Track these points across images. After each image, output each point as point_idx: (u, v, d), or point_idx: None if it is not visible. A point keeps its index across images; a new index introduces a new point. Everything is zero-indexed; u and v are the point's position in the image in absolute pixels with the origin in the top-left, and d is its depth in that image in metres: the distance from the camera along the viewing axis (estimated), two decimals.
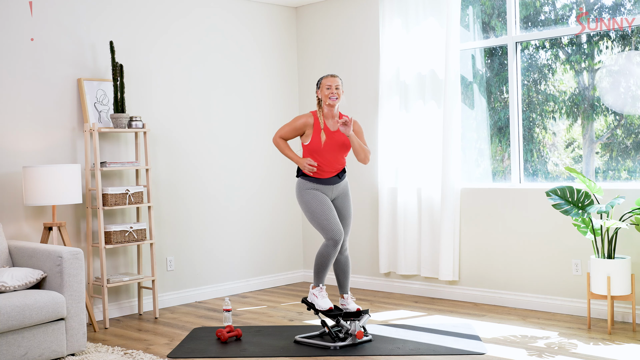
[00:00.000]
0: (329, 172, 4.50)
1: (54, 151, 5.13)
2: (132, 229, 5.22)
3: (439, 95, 5.70)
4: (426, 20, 5.76)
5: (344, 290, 4.71)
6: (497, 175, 5.70)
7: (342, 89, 4.46)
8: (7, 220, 4.88)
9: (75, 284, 4.21)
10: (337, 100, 4.42)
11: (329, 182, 4.50)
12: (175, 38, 5.88)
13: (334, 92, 4.41)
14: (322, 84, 4.47)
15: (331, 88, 4.42)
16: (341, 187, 4.58)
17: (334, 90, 4.41)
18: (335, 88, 4.42)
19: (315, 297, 4.49)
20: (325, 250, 4.46)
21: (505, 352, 4.15)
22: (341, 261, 4.66)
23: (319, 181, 4.48)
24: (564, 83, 5.39)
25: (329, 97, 4.41)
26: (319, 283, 4.52)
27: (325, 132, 4.44)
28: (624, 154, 5.10)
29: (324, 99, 4.44)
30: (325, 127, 4.45)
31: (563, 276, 5.11)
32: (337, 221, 4.44)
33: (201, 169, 6.04)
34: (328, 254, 4.46)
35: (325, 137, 4.42)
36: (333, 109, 4.47)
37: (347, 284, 4.71)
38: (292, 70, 6.80)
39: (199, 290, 6.01)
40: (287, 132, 4.53)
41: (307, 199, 4.46)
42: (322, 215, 4.42)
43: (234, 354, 4.30)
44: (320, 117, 4.46)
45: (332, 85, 4.42)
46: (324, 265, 4.47)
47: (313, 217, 4.46)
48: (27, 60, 5.02)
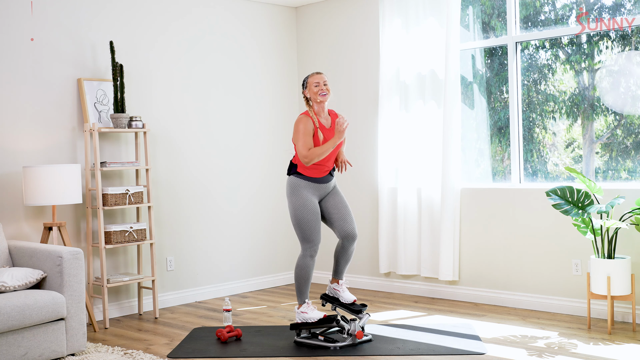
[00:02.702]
0: (323, 172, 4.48)
1: (54, 151, 5.13)
2: (132, 229, 5.22)
3: (439, 95, 5.70)
4: (426, 20, 5.76)
5: (339, 276, 4.64)
6: (497, 175, 5.70)
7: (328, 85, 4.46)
8: (7, 220, 4.88)
9: (75, 284, 4.21)
10: (326, 95, 4.42)
11: (321, 181, 4.48)
12: (175, 38, 5.88)
13: (323, 89, 4.41)
14: (309, 83, 4.45)
15: (319, 85, 4.41)
16: (331, 184, 4.57)
17: (322, 86, 4.41)
18: (324, 84, 4.42)
19: (305, 314, 4.43)
20: (303, 263, 4.42)
21: (505, 352, 4.15)
22: (349, 251, 4.57)
23: (312, 180, 4.45)
24: (564, 83, 5.39)
25: (318, 94, 4.40)
26: (303, 300, 4.47)
27: (322, 130, 4.43)
28: (624, 154, 5.10)
29: (314, 97, 4.43)
30: (321, 126, 4.44)
31: (563, 276, 5.11)
32: (319, 231, 4.41)
33: (201, 168, 6.04)
34: (306, 266, 4.42)
35: (324, 135, 4.42)
36: (323, 105, 4.46)
37: (344, 271, 4.65)
38: (292, 70, 6.80)
39: (199, 290, 6.01)
40: (307, 141, 4.38)
41: (297, 202, 4.41)
42: (307, 224, 4.39)
43: (234, 354, 4.30)
44: (313, 117, 4.44)
45: (320, 82, 4.42)
46: (304, 278, 4.43)
47: (298, 223, 4.41)
48: (27, 60, 5.02)
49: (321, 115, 4.46)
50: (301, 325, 4.45)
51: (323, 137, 4.40)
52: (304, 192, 4.41)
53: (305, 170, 4.42)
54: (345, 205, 4.56)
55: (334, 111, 4.58)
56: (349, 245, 4.54)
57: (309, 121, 4.40)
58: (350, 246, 4.55)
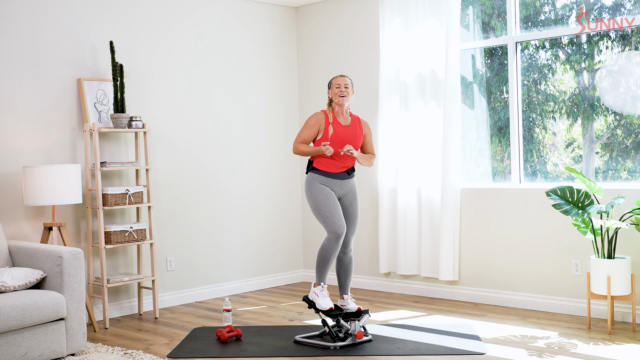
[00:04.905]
0: (339, 167, 4.61)
1: (54, 151, 5.13)
2: (132, 229, 5.22)
3: (439, 95, 5.70)
4: (426, 20, 5.76)
5: (344, 291, 4.74)
6: (497, 175, 5.70)
7: (351, 89, 4.67)
8: (7, 220, 4.88)
9: (75, 284, 4.21)
10: (345, 97, 4.62)
11: (337, 177, 4.61)
12: (175, 38, 5.88)
13: (343, 90, 4.63)
14: (332, 84, 4.68)
15: (340, 87, 4.64)
16: (350, 185, 4.67)
17: (342, 88, 4.63)
18: (344, 87, 4.64)
19: (316, 296, 4.50)
20: (327, 244, 4.51)
21: (505, 352, 4.15)
22: (344, 261, 4.70)
23: (328, 175, 4.59)
24: (564, 83, 5.39)
25: (338, 94, 4.63)
26: (320, 280, 4.54)
27: (334, 126, 4.60)
28: (624, 154, 5.10)
29: (334, 97, 4.65)
30: (335, 121, 4.62)
31: (563, 276, 5.11)
32: (340, 215, 4.52)
33: (201, 168, 6.04)
34: (330, 248, 4.50)
35: (334, 130, 4.58)
36: (343, 107, 4.66)
37: (348, 285, 4.75)
38: (292, 70, 6.80)
39: (199, 290, 6.01)
40: (303, 134, 4.66)
41: (314, 192, 4.56)
42: (326, 208, 4.51)
43: (234, 354, 4.30)
44: (329, 114, 4.65)
45: (341, 84, 4.64)
46: (325, 259, 4.51)
47: (318, 210, 4.54)
48: (27, 60, 5.02)
49: (339, 115, 4.67)
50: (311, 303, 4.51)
51: (333, 131, 4.58)
52: (319, 186, 4.58)
53: (320, 165, 4.59)
54: (355, 215, 4.70)
55: (360, 118, 4.77)
56: (342, 253, 4.68)
57: (318, 116, 4.64)
58: (345, 256, 4.69)
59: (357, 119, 4.72)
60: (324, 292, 4.51)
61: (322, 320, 4.46)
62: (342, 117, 4.66)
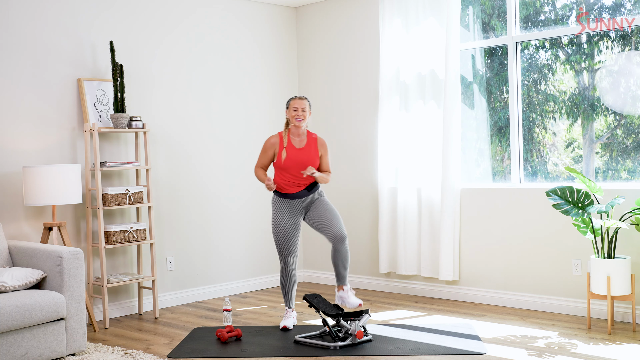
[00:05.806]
0: (296, 187, 4.73)
1: (54, 151, 5.13)
2: (132, 229, 5.22)
3: (439, 95, 5.70)
4: (426, 20, 5.76)
5: (342, 281, 4.80)
6: (497, 175, 5.70)
7: (308, 111, 4.77)
8: (7, 220, 4.88)
9: (75, 284, 4.21)
10: (302, 121, 4.73)
11: (297, 197, 4.75)
12: (175, 38, 5.88)
13: (300, 115, 4.72)
14: (290, 105, 4.78)
15: (297, 110, 4.74)
16: (311, 198, 4.79)
17: (300, 112, 4.73)
18: (302, 110, 4.74)
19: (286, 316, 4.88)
20: (280, 272, 4.88)
21: (505, 352, 4.15)
22: (341, 251, 4.75)
23: (285, 196, 4.75)
24: (564, 83, 5.39)
25: (295, 118, 4.72)
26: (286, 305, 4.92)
27: (288, 149, 4.72)
28: (624, 154, 5.10)
29: (291, 120, 4.75)
30: (290, 145, 4.73)
31: (563, 276, 5.11)
32: (288, 248, 4.75)
33: (201, 168, 6.04)
34: (281, 276, 4.87)
35: (288, 154, 4.70)
36: (299, 129, 4.75)
37: (346, 275, 4.80)
38: (292, 70, 6.80)
39: (199, 290, 6.01)
40: (260, 159, 4.84)
41: (273, 219, 4.80)
42: (277, 240, 4.78)
43: (234, 354, 4.30)
44: (285, 136, 4.76)
45: (299, 107, 4.74)
46: (282, 286, 4.89)
47: (274, 236, 4.81)
48: (27, 60, 5.02)
49: (295, 136, 4.77)
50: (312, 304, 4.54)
51: (287, 156, 4.70)
52: (278, 209, 4.77)
53: (281, 188, 4.75)
54: (330, 210, 4.79)
55: (318, 137, 4.84)
56: (339, 245, 4.73)
57: (272, 140, 4.79)
58: (341, 247, 4.74)
59: (314, 140, 4.80)
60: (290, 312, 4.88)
61: (323, 320, 4.47)
62: (297, 139, 4.75)
